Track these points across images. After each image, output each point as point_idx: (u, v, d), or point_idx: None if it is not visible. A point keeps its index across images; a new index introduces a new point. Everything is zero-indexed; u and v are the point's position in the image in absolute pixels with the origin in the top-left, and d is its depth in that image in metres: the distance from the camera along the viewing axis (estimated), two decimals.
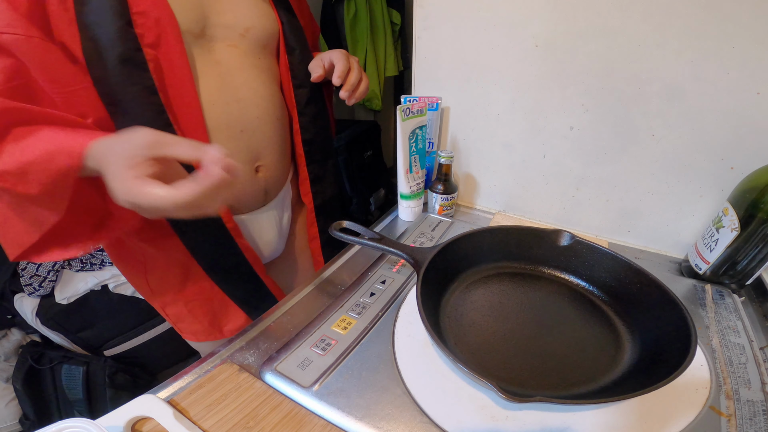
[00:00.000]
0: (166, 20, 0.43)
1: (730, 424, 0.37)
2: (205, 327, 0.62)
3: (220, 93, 0.50)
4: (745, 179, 0.51)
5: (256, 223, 0.61)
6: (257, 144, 0.55)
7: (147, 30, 0.42)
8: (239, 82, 0.52)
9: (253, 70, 0.54)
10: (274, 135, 0.58)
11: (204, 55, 0.49)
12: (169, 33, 0.44)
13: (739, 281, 0.54)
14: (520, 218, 0.74)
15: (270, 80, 0.57)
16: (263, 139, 0.56)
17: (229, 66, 0.51)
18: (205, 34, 0.48)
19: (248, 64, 0.53)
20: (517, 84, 0.62)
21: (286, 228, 0.68)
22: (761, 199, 0.47)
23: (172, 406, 0.36)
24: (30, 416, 1.06)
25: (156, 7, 0.42)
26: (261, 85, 0.55)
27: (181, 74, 0.46)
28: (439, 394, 0.39)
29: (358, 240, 0.53)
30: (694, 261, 0.57)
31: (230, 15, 0.50)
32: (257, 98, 0.54)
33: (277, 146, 0.59)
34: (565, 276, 0.53)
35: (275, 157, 0.59)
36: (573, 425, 0.36)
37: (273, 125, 0.57)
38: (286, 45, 0.57)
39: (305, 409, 0.38)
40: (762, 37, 0.46)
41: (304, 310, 0.51)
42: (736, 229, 0.49)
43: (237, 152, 0.53)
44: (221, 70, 0.50)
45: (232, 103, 0.51)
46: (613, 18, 0.52)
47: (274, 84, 0.58)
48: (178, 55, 0.45)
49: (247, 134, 0.53)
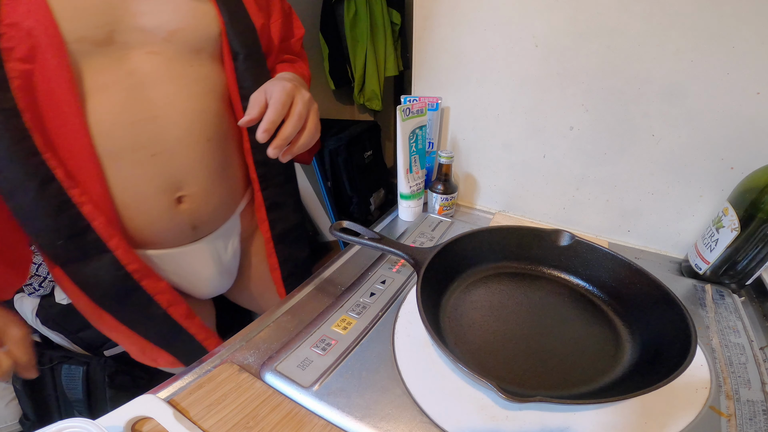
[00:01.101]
0: (41, 30, 0.37)
1: (730, 424, 0.36)
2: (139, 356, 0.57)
3: (127, 110, 0.43)
4: (745, 179, 0.51)
5: (184, 259, 0.54)
6: (177, 170, 0.47)
7: (18, 42, 0.36)
8: (157, 96, 0.44)
9: (181, 80, 0.46)
10: (204, 158, 0.49)
11: (110, 66, 0.41)
12: (46, 44, 0.37)
13: (739, 281, 0.54)
14: (520, 218, 0.74)
15: (204, 92, 0.48)
16: (186, 164, 0.48)
17: (146, 77, 0.43)
18: (114, 40, 0.41)
19: (174, 73, 0.45)
20: (517, 84, 0.62)
21: (231, 262, 0.61)
22: (761, 199, 0.47)
23: (172, 406, 0.36)
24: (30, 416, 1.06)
25: (30, 16, 0.36)
26: (188, 99, 0.47)
27: (60, 91, 0.39)
28: (439, 394, 0.39)
29: (358, 240, 0.53)
30: (694, 261, 0.57)
31: (150, 16, 0.43)
32: (177, 115, 0.46)
33: (210, 172, 0.51)
34: (565, 276, 0.53)
35: (207, 186, 0.51)
36: (573, 425, 0.36)
37: (202, 147, 0.49)
38: (230, 49, 0.49)
39: (305, 409, 0.38)
40: (762, 37, 0.46)
41: (304, 310, 0.51)
42: (736, 229, 0.49)
43: (145, 181, 0.46)
44: (133, 82, 0.43)
45: (143, 123, 0.44)
46: (613, 18, 0.52)
47: (210, 96, 0.49)
48: (57, 69, 0.38)
49: (162, 159, 0.46)
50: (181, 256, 0.54)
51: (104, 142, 0.43)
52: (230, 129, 0.53)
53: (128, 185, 0.46)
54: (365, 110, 2.02)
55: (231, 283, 0.64)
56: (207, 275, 0.58)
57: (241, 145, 0.55)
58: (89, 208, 0.43)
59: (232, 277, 0.64)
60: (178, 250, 0.53)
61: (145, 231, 0.49)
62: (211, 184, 0.51)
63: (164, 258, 0.53)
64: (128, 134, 0.43)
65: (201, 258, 0.56)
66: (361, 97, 1.80)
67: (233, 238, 0.60)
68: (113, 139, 0.43)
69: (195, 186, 0.49)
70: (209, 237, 0.55)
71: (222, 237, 0.57)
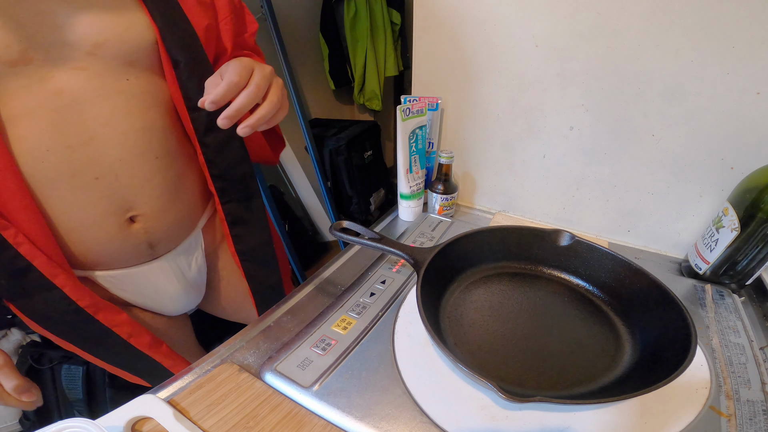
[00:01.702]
0: None
1: (730, 424, 0.36)
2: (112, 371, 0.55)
3: (59, 134, 0.39)
4: (745, 179, 0.51)
5: (146, 277, 0.52)
6: (125, 191, 0.44)
7: None
8: (91, 116, 0.41)
9: (116, 97, 0.42)
10: (154, 177, 0.46)
11: (32, 88, 0.37)
12: None
13: (739, 281, 0.54)
14: (520, 218, 0.74)
15: (145, 108, 0.45)
16: (135, 184, 0.45)
17: (76, 96, 0.39)
18: (31, 58, 0.37)
19: (107, 90, 0.41)
20: (517, 84, 0.62)
21: (196, 277, 0.59)
22: (761, 199, 0.47)
23: (172, 406, 0.36)
24: (30, 416, 1.06)
25: None
26: (127, 116, 0.43)
27: None
28: (439, 394, 0.39)
29: (357, 240, 0.53)
30: (694, 261, 0.57)
31: (70, 29, 0.38)
32: (117, 135, 0.42)
33: (163, 190, 0.48)
34: (565, 276, 0.53)
35: (160, 204, 0.48)
36: (573, 425, 0.36)
37: (150, 165, 0.46)
38: (169, 57, 0.44)
39: (305, 409, 0.38)
40: (762, 37, 0.46)
41: (304, 310, 0.51)
42: (736, 229, 0.49)
43: (90, 205, 0.43)
44: (61, 103, 0.39)
45: (78, 147, 0.40)
46: (612, 18, 0.52)
47: (153, 112, 0.46)
48: None
49: (107, 181, 0.43)
50: (142, 275, 0.51)
51: (36, 171, 0.39)
52: (181, 144, 0.49)
53: (71, 211, 0.43)
54: (365, 110, 2.02)
55: (200, 298, 0.62)
56: (172, 293, 0.56)
57: (195, 159, 0.52)
58: (27, 248, 0.40)
59: (200, 293, 0.62)
60: (136, 269, 0.51)
61: (96, 253, 0.47)
62: (164, 202, 0.48)
63: (123, 278, 0.50)
64: (63, 160, 0.40)
65: (163, 276, 0.53)
66: (361, 97, 1.80)
67: (197, 253, 0.58)
68: (47, 166, 0.39)
69: (146, 206, 0.47)
70: (170, 254, 0.53)
71: (184, 253, 0.55)
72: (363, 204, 1.74)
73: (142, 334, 0.51)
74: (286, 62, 1.30)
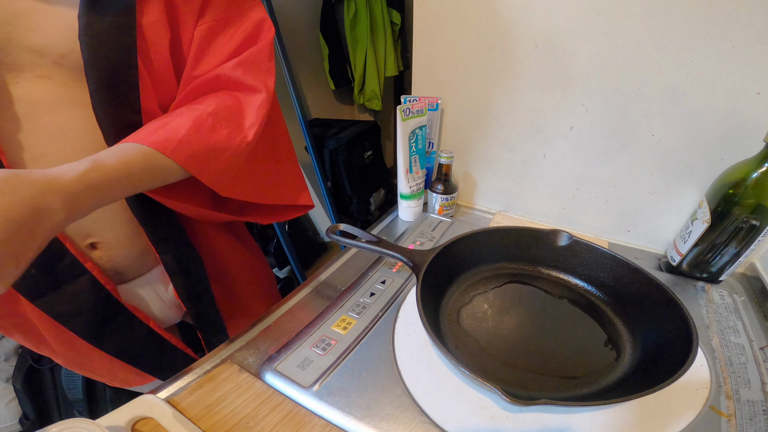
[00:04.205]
0: None
1: (730, 424, 0.37)
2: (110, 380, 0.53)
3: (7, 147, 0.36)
4: (723, 173, 0.52)
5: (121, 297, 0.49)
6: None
7: None
8: (49, 129, 0.37)
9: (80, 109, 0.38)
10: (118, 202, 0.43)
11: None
12: None
13: (712, 275, 0.54)
14: (520, 218, 0.74)
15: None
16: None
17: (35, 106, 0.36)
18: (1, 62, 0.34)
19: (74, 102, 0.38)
20: (517, 84, 0.62)
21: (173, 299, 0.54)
22: (735, 192, 0.48)
23: (172, 406, 0.36)
24: (30, 416, 1.06)
25: None
26: (88, 132, 0.39)
27: None
28: (439, 394, 0.39)
29: (355, 243, 0.53)
30: (670, 253, 0.57)
31: (39, 33, 0.35)
32: (75, 152, 0.38)
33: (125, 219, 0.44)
34: (564, 276, 0.53)
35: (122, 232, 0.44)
36: (573, 425, 0.36)
37: None
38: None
39: (305, 409, 0.38)
40: (762, 37, 0.46)
41: (304, 310, 0.51)
42: (707, 221, 0.50)
43: None
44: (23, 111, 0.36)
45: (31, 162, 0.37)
46: (613, 18, 0.52)
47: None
48: None
49: None
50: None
51: None
52: None
53: None
54: (365, 110, 2.02)
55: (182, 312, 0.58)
56: (150, 312, 0.53)
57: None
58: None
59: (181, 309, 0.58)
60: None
61: None
62: (127, 231, 0.45)
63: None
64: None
65: (138, 298, 0.51)
66: (361, 97, 1.80)
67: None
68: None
69: (107, 232, 0.43)
70: (141, 278, 0.50)
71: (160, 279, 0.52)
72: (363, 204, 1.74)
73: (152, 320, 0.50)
74: (286, 62, 1.29)
